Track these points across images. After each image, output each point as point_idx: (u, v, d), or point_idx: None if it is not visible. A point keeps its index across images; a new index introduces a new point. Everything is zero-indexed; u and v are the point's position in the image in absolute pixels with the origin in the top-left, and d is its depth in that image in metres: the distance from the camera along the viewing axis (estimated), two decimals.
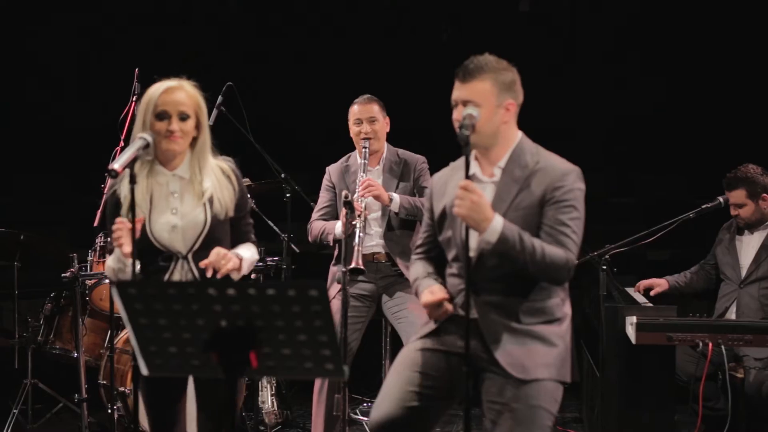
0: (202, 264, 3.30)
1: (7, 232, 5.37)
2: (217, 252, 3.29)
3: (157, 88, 3.32)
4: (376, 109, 4.89)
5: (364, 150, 4.81)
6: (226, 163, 3.48)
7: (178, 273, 3.35)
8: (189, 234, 3.36)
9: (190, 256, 3.36)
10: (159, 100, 3.29)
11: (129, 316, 2.38)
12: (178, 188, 3.39)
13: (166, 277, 3.35)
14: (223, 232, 3.42)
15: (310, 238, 4.96)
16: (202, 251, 3.35)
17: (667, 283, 5.31)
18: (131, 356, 4.67)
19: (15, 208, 7.98)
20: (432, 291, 3.24)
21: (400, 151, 4.97)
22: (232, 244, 3.48)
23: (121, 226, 3.21)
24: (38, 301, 5.59)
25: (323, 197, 4.99)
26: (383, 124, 4.92)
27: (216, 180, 3.41)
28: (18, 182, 8.46)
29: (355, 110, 4.91)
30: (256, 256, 3.56)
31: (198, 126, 3.38)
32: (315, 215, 4.96)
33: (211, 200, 3.37)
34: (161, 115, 3.29)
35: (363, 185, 4.67)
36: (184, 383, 3.41)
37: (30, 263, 5.52)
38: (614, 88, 8.37)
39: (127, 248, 3.17)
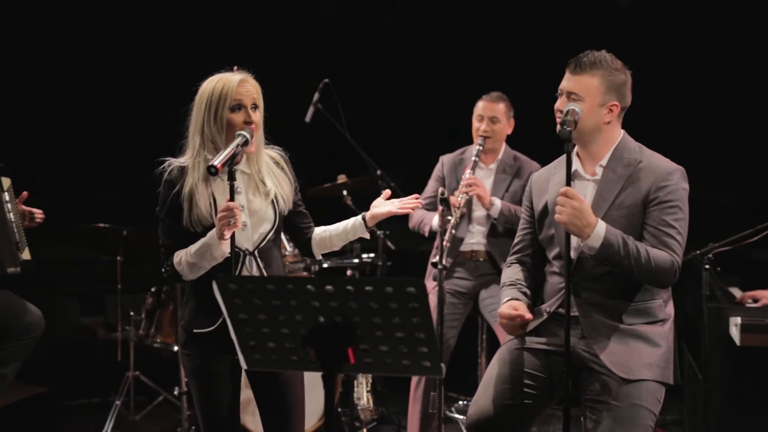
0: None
1: (111, 227, 5.53)
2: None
3: (229, 81, 3.23)
4: (501, 110, 4.80)
5: (478, 147, 4.75)
6: (275, 152, 3.39)
7: (246, 270, 3.26)
8: (258, 231, 3.29)
9: (257, 253, 3.28)
10: (235, 92, 3.21)
11: (228, 311, 2.41)
12: (242, 184, 3.29)
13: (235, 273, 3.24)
14: (282, 225, 3.40)
15: (410, 225, 4.94)
16: (267, 248, 3.30)
17: None
18: None
19: (118, 205, 8.17)
20: (513, 305, 3.21)
21: (518, 154, 4.89)
22: (295, 226, 3.45)
23: (235, 210, 3.07)
24: (140, 295, 5.70)
25: (430, 186, 4.96)
26: (505, 125, 4.83)
27: (273, 175, 3.33)
28: (121, 180, 8.65)
29: (479, 106, 4.84)
30: None
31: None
32: None
33: (276, 198, 3.30)
34: (236, 107, 3.22)
35: (467, 182, 4.62)
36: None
37: (132, 258, 5.67)
38: (719, 84, 8.15)
39: (229, 234, 3.09)
